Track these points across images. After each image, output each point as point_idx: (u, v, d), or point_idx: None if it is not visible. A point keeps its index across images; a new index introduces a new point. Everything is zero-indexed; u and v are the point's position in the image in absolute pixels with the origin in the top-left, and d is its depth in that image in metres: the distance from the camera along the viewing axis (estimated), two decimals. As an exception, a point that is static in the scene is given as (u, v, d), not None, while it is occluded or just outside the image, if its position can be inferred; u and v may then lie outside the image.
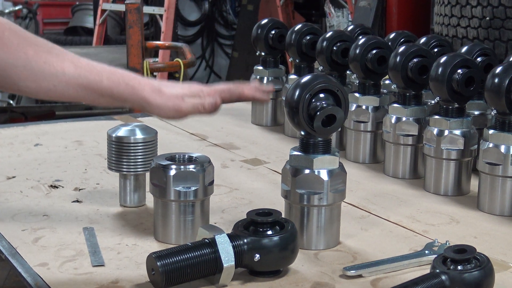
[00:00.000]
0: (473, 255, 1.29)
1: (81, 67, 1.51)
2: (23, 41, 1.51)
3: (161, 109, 1.54)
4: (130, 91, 1.53)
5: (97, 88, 1.51)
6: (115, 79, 1.52)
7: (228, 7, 8.90)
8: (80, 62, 1.52)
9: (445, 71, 1.85)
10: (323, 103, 1.53)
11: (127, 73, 1.55)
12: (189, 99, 1.55)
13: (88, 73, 1.51)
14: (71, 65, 1.51)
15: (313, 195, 1.55)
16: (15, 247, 1.56)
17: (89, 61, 1.53)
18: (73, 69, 1.50)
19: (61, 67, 1.50)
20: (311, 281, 1.42)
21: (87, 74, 1.51)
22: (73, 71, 1.50)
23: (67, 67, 1.50)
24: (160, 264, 1.32)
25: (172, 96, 1.54)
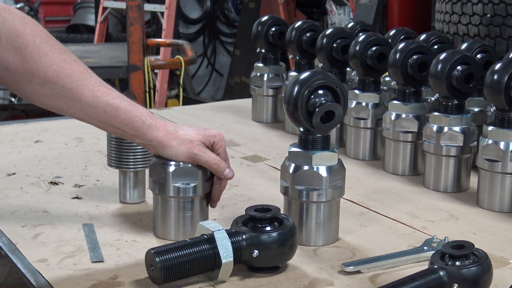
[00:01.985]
0: (471, 251, 1.29)
1: (100, 98, 1.51)
2: (45, 59, 1.50)
3: (173, 150, 1.54)
4: (145, 130, 1.53)
5: (112, 122, 1.53)
6: (131, 116, 1.53)
7: (230, 4, 8.89)
8: (99, 92, 1.51)
9: (444, 68, 1.85)
10: (322, 100, 1.53)
11: (144, 111, 1.55)
12: (205, 155, 1.54)
13: (105, 106, 1.51)
14: (90, 94, 1.51)
15: (312, 191, 1.55)
16: (14, 243, 1.57)
17: (109, 91, 1.53)
18: (90, 99, 1.51)
19: (78, 95, 1.50)
20: (309, 277, 1.42)
21: (104, 107, 1.51)
22: (90, 101, 1.51)
23: (85, 95, 1.51)
24: (158, 260, 1.32)
25: (187, 141, 1.54)
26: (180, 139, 1.54)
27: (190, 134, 1.55)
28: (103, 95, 1.52)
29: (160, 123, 1.55)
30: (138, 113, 1.54)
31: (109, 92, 1.53)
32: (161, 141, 1.54)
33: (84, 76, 1.53)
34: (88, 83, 1.52)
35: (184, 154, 1.54)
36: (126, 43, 3.95)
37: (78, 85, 1.51)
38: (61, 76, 1.50)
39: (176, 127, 1.56)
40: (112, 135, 1.75)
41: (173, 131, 1.55)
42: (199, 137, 1.55)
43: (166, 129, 1.55)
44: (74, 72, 1.52)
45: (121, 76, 4.06)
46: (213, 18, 8.94)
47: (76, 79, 1.51)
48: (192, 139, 1.54)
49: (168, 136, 1.54)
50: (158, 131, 1.54)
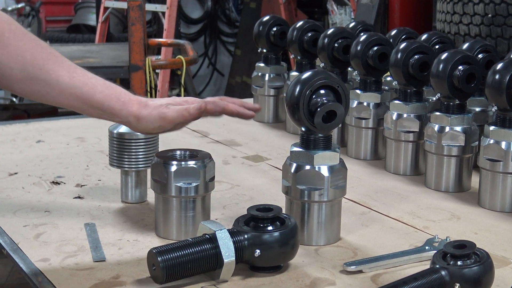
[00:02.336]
0: (473, 251, 1.29)
1: (76, 78, 1.54)
2: (22, 44, 1.53)
3: (147, 120, 1.55)
4: (121, 106, 1.55)
5: (89, 101, 1.54)
6: (107, 93, 1.55)
7: (231, 4, 8.89)
8: (76, 73, 1.55)
9: (446, 68, 1.86)
10: (323, 99, 1.54)
11: (119, 89, 1.58)
12: (174, 106, 1.56)
13: (82, 85, 1.54)
14: (67, 75, 1.53)
15: (313, 191, 1.55)
16: (16, 243, 1.57)
17: (85, 73, 1.56)
18: (68, 79, 1.53)
19: (56, 76, 1.53)
20: (311, 276, 1.43)
21: (81, 86, 1.53)
22: (67, 81, 1.53)
23: (62, 76, 1.53)
24: (160, 259, 1.32)
25: (157, 106, 1.56)
26: (151, 107, 1.55)
27: (160, 100, 1.58)
28: (79, 75, 1.55)
29: (134, 98, 1.57)
30: (113, 91, 1.55)
31: (85, 73, 1.56)
32: (135, 114, 1.55)
33: (60, 59, 1.56)
34: (64, 65, 1.55)
35: (156, 119, 1.55)
36: (127, 43, 3.95)
37: (55, 67, 1.54)
38: (38, 59, 1.53)
39: (147, 99, 1.58)
40: (114, 135, 1.76)
41: (144, 102, 1.56)
42: (167, 101, 1.57)
43: (139, 102, 1.56)
44: (49, 55, 1.55)
45: (123, 76, 4.06)
46: (214, 18, 8.94)
47: (52, 61, 1.54)
48: (161, 103, 1.56)
49: (140, 109, 1.55)
50: (132, 105, 1.55)
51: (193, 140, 2.42)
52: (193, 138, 2.44)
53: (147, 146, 1.76)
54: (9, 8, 7.88)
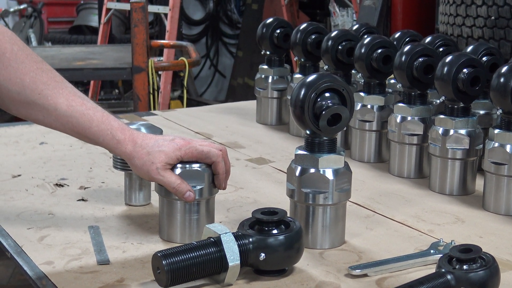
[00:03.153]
0: (479, 255, 1.29)
1: (74, 107, 1.53)
2: (22, 67, 1.53)
3: (137, 170, 1.56)
4: (115, 144, 1.55)
5: (85, 132, 1.55)
6: (103, 128, 1.54)
7: (233, 6, 8.89)
8: (74, 101, 1.54)
9: (450, 71, 1.85)
10: (328, 102, 1.53)
11: (116, 124, 1.56)
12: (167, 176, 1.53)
13: (79, 115, 1.53)
14: (65, 103, 1.53)
15: (318, 194, 1.55)
16: (20, 246, 1.57)
17: (83, 102, 1.55)
18: (65, 107, 1.53)
19: (54, 102, 1.53)
20: (316, 280, 1.42)
21: (78, 116, 1.53)
22: (65, 109, 1.53)
23: (60, 103, 1.53)
24: (165, 262, 1.32)
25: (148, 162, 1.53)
26: (143, 159, 1.53)
27: (152, 156, 1.53)
28: (78, 104, 1.54)
29: (128, 137, 1.55)
30: (110, 126, 1.55)
31: (83, 102, 1.55)
32: (128, 158, 1.56)
33: (60, 85, 1.55)
34: (63, 92, 1.54)
35: (146, 177, 1.56)
36: (130, 44, 3.95)
37: (53, 93, 1.53)
38: (37, 83, 1.53)
39: (142, 143, 1.55)
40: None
41: (139, 149, 1.54)
42: (161, 158, 1.53)
43: (133, 145, 1.55)
44: (50, 80, 1.55)
45: (125, 78, 4.06)
46: (216, 19, 8.95)
47: (52, 87, 1.54)
48: (154, 160, 1.53)
49: (133, 154, 1.54)
50: (126, 146, 1.55)
51: (196, 142, 2.41)
52: (196, 140, 2.43)
53: (151, 148, 1.75)
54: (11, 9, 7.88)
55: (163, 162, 1.53)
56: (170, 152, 1.53)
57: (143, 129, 1.74)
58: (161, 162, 1.53)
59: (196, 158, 1.55)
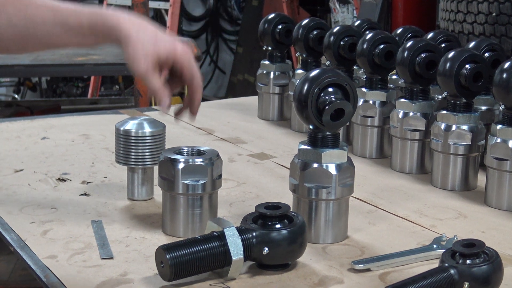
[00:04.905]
0: (482, 249, 1.29)
1: (60, 12, 1.55)
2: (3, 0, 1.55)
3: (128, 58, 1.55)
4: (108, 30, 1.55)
5: (79, 31, 1.56)
6: (94, 19, 1.55)
7: (233, 2, 8.88)
8: (59, 8, 1.56)
9: (453, 66, 1.85)
10: (331, 97, 1.53)
11: (106, 12, 1.57)
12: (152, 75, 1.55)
13: (67, 17, 1.55)
14: (51, 13, 1.56)
15: (321, 189, 1.55)
16: (23, 240, 1.57)
17: (68, 5, 1.57)
18: (52, 17, 1.55)
19: (41, 17, 1.55)
20: (319, 274, 1.42)
21: (65, 19, 1.55)
22: (52, 19, 1.55)
23: (47, 16, 1.55)
24: (169, 256, 1.32)
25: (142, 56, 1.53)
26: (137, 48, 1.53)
27: (146, 50, 1.53)
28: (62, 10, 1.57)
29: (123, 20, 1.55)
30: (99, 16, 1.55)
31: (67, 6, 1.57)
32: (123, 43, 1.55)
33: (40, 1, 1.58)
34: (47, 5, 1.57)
35: (136, 69, 1.55)
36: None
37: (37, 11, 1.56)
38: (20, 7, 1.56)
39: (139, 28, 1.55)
40: (120, 132, 1.75)
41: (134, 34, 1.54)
42: (153, 56, 1.53)
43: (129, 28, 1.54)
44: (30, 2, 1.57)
45: (126, 73, 4.07)
46: (216, 15, 8.94)
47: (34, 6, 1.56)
48: (145, 55, 1.53)
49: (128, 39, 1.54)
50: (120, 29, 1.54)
51: (198, 137, 2.42)
52: (198, 136, 2.44)
53: (153, 143, 1.75)
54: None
55: (154, 60, 1.54)
56: (164, 55, 1.55)
57: (146, 124, 1.74)
58: (152, 61, 1.54)
59: (187, 70, 1.57)
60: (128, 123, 1.75)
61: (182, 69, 1.56)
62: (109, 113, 2.76)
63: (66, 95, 7.52)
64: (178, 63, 1.56)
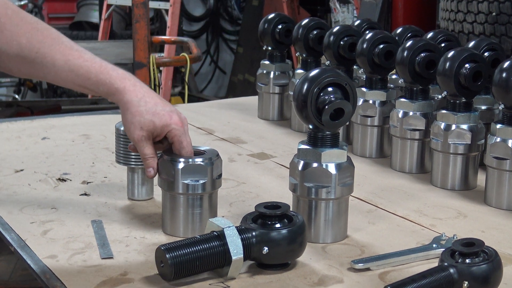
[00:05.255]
0: (482, 249, 1.29)
1: (71, 61, 1.56)
2: (18, 29, 1.56)
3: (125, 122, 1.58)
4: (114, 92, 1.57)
5: (84, 84, 1.58)
6: (102, 79, 1.57)
7: (233, 2, 8.88)
8: (71, 55, 1.57)
9: (452, 66, 1.86)
10: (331, 97, 1.54)
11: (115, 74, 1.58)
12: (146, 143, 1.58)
13: (77, 69, 1.56)
14: (62, 58, 1.56)
15: (321, 188, 1.55)
16: (24, 240, 1.57)
17: (80, 54, 1.58)
18: (62, 63, 1.56)
19: (51, 59, 1.56)
20: (319, 274, 1.43)
21: (75, 70, 1.56)
22: (62, 65, 1.56)
23: (57, 60, 1.56)
24: (169, 256, 1.32)
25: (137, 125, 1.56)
26: (135, 118, 1.56)
27: (143, 120, 1.56)
28: (75, 58, 1.57)
29: (129, 87, 1.57)
30: (108, 76, 1.57)
31: (81, 55, 1.58)
32: (122, 108, 1.58)
33: (56, 41, 1.59)
34: (59, 48, 1.58)
35: (128, 134, 1.58)
36: (131, 40, 3.95)
37: (50, 50, 1.57)
38: (34, 43, 1.57)
39: (141, 100, 1.57)
40: (120, 132, 1.76)
41: (135, 104, 1.56)
42: (149, 127, 1.56)
43: (131, 98, 1.56)
44: (45, 38, 1.58)
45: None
46: (216, 15, 8.94)
47: (48, 44, 1.57)
48: (142, 126, 1.56)
49: (128, 106, 1.56)
50: (123, 96, 1.57)
51: (198, 137, 2.42)
52: (198, 136, 2.44)
53: (153, 143, 1.75)
54: (12, 5, 7.86)
55: (149, 132, 1.56)
56: (159, 126, 1.56)
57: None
58: (147, 131, 1.56)
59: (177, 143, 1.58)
60: (128, 123, 1.75)
61: (172, 142, 1.59)
62: (110, 113, 2.76)
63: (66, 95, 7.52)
64: (170, 136, 1.59)
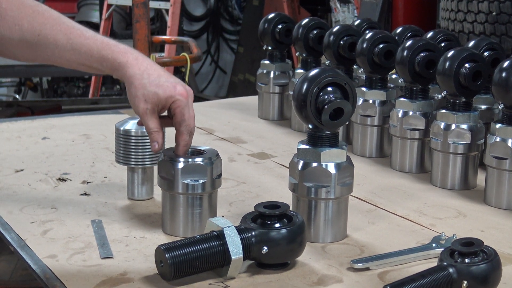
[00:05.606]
0: (481, 248, 1.29)
1: (73, 39, 1.58)
2: (18, 13, 1.58)
3: (130, 97, 1.58)
4: (117, 67, 1.58)
5: (88, 62, 1.59)
6: (104, 54, 1.57)
7: (234, 2, 8.88)
8: (72, 34, 1.58)
9: (452, 65, 1.86)
10: (331, 97, 1.54)
11: (117, 49, 1.58)
12: (151, 116, 1.58)
13: (79, 47, 1.58)
14: (64, 38, 1.58)
15: (320, 188, 1.55)
16: (24, 239, 1.57)
17: (82, 33, 1.59)
18: (65, 42, 1.58)
19: (54, 40, 1.57)
20: (318, 273, 1.43)
21: (78, 48, 1.58)
22: (64, 44, 1.58)
23: (59, 39, 1.58)
24: (169, 256, 1.33)
25: (141, 98, 1.56)
26: (139, 91, 1.56)
27: (147, 92, 1.56)
28: (76, 36, 1.59)
29: (131, 61, 1.58)
30: (110, 51, 1.58)
31: (82, 33, 1.59)
32: (127, 82, 1.58)
33: (57, 21, 1.60)
34: (61, 28, 1.59)
35: (134, 108, 1.59)
36: (131, 40, 3.95)
37: (52, 31, 1.58)
38: (35, 25, 1.58)
39: (144, 72, 1.57)
40: (120, 132, 1.76)
41: (139, 77, 1.56)
42: (153, 99, 1.56)
43: (134, 71, 1.57)
44: (46, 20, 1.59)
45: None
46: (217, 15, 8.94)
47: (49, 26, 1.59)
48: (147, 98, 1.56)
49: (131, 80, 1.57)
50: (127, 70, 1.57)
51: (198, 137, 2.41)
52: (198, 136, 2.43)
53: (153, 143, 1.75)
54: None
55: (154, 104, 1.56)
56: (163, 98, 1.56)
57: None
58: (152, 103, 1.56)
59: (178, 114, 1.58)
60: (128, 123, 1.76)
61: (174, 113, 1.59)
62: (110, 113, 2.76)
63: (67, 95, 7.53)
64: (173, 107, 1.59)
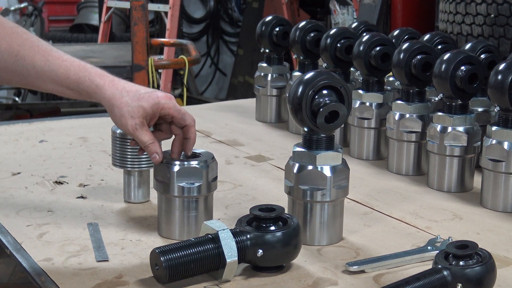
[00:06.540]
0: (475, 251, 1.29)
1: (51, 61, 1.57)
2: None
3: (115, 120, 1.57)
4: (94, 89, 1.56)
5: (65, 83, 1.57)
6: (81, 76, 1.56)
7: (233, 4, 8.89)
8: (50, 56, 1.58)
9: (448, 68, 1.86)
10: (326, 100, 1.54)
11: (94, 71, 1.58)
12: (141, 131, 1.56)
13: (57, 68, 1.56)
14: (41, 59, 1.57)
15: (316, 191, 1.55)
16: (20, 242, 1.57)
17: (60, 55, 1.59)
18: (42, 63, 1.57)
19: (31, 61, 1.57)
20: (313, 276, 1.43)
21: (55, 69, 1.56)
22: (42, 65, 1.57)
23: (37, 60, 1.57)
24: (163, 259, 1.33)
25: (127, 115, 1.55)
26: (123, 109, 1.55)
27: (131, 108, 1.55)
28: (54, 58, 1.58)
29: (108, 83, 1.57)
30: (87, 73, 1.57)
31: (60, 55, 1.59)
32: (107, 105, 1.57)
33: (35, 43, 1.59)
34: (39, 50, 1.58)
35: (123, 129, 1.58)
36: (130, 42, 3.96)
37: (29, 53, 1.57)
38: (13, 46, 1.57)
39: (122, 91, 1.56)
40: (116, 135, 1.76)
41: (118, 96, 1.55)
42: (139, 113, 1.55)
43: (113, 92, 1.56)
44: (25, 41, 1.59)
45: (125, 76, 4.06)
46: (217, 17, 8.95)
47: (28, 47, 1.58)
48: (133, 114, 1.55)
49: (112, 101, 1.56)
50: (105, 92, 1.56)
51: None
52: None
53: (150, 146, 1.75)
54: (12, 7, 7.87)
55: (141, 117, 1.55)
56: (149, 108, 1.55)
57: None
58: (139, 117, 1.55)
59: (172, 115, 1.57)
60: (124, 126, 1.75)
61: (171, 114, 1.58)
62: (107, 116, 2.75)
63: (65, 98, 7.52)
64: (164, 111, 1.57)
